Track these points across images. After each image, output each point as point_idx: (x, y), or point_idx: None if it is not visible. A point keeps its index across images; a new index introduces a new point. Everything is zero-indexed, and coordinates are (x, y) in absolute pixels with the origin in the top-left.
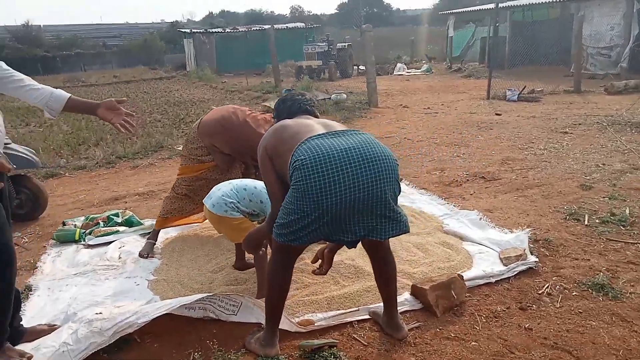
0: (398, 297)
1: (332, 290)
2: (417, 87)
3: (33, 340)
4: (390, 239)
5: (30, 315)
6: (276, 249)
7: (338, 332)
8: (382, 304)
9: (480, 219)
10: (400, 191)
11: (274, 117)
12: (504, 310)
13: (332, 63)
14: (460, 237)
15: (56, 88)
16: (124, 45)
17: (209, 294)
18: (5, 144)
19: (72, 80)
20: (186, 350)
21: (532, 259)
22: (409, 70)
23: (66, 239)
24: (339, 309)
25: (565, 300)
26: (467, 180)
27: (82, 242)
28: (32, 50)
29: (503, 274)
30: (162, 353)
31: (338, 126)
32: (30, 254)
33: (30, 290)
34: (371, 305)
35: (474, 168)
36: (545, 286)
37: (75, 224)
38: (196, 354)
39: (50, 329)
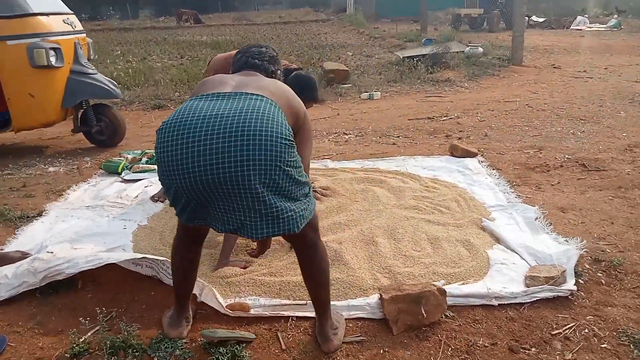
0: (363, 298)
1: (294, 275)
2: (588, 45)
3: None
4: (405, 223)
5: (21, 240)
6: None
7: (268, 326)
8: (344, 301)
9: (537, 218)
10: (289, 180)
11: None
12: (485, 347)
13: (496, 12)
14: (496, 237)
15: (223, 25)
16: None
17: (149, 256)
18: (89, 73)
19: (240, 18)
20: (110, 308)
21: (568, 285)
22: (591, 25)
23: (110, 170)
24: (288, 298)
25: (585, 353)
26: (561, 166)
27: (121, 176)
28: None
29: (515, 297)
30: (88, 304)
31: (252, 88)
32: (77, 179)
33: (40, 215)
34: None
35: (581, 152)
36: (568, 326)
37: (127, 157)
38: (114, 313)
39: (22, 257)
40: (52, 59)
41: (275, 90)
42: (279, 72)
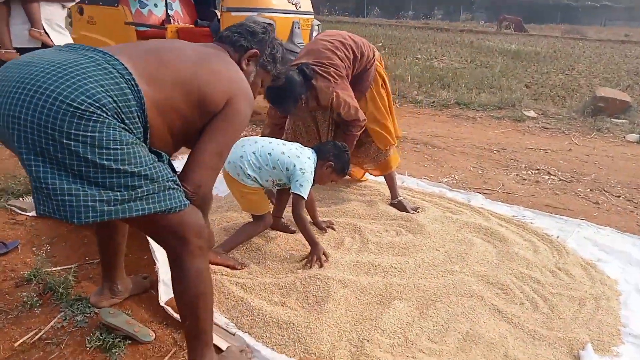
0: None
1: (267, 303)
2: None
3: None
4: (461, 300)
5: None
6: None
7: (181, 336)
8: (265, 350)
9: None
10: (73, 157)
11: None
12: None
13: None
14: None
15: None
16: None
17: None
18: (297, 52)
19: (570, 32)
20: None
21: None
22: None
23: None
24: (231, 320)
25: None
26: None
27: None
28: None
29: None
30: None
31: (168, 53)
32: None
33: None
34: (249, 341)
35: None
36: None
37: None
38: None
39: None
40: None
41: (177, 61)
42: (251, 50)
